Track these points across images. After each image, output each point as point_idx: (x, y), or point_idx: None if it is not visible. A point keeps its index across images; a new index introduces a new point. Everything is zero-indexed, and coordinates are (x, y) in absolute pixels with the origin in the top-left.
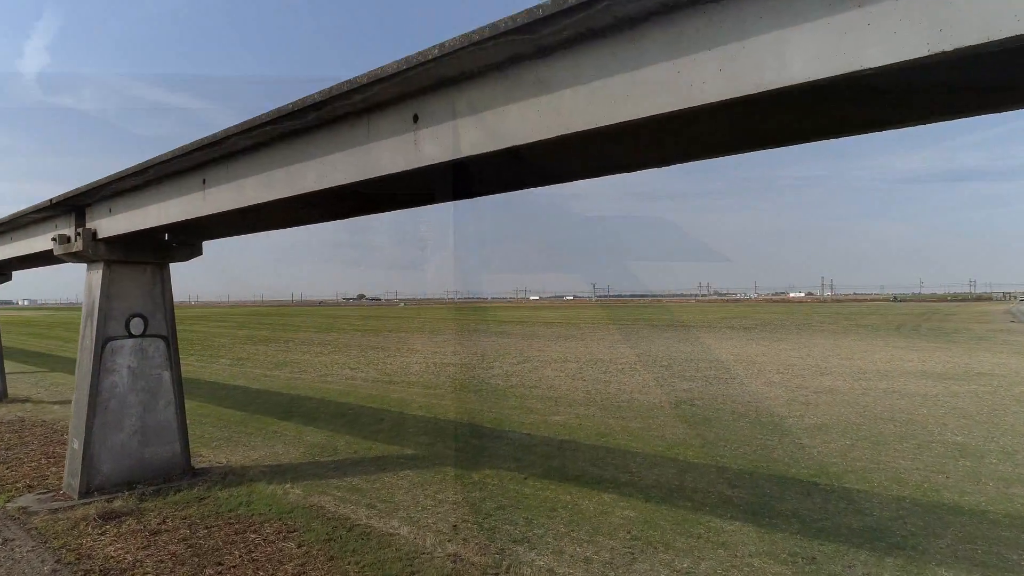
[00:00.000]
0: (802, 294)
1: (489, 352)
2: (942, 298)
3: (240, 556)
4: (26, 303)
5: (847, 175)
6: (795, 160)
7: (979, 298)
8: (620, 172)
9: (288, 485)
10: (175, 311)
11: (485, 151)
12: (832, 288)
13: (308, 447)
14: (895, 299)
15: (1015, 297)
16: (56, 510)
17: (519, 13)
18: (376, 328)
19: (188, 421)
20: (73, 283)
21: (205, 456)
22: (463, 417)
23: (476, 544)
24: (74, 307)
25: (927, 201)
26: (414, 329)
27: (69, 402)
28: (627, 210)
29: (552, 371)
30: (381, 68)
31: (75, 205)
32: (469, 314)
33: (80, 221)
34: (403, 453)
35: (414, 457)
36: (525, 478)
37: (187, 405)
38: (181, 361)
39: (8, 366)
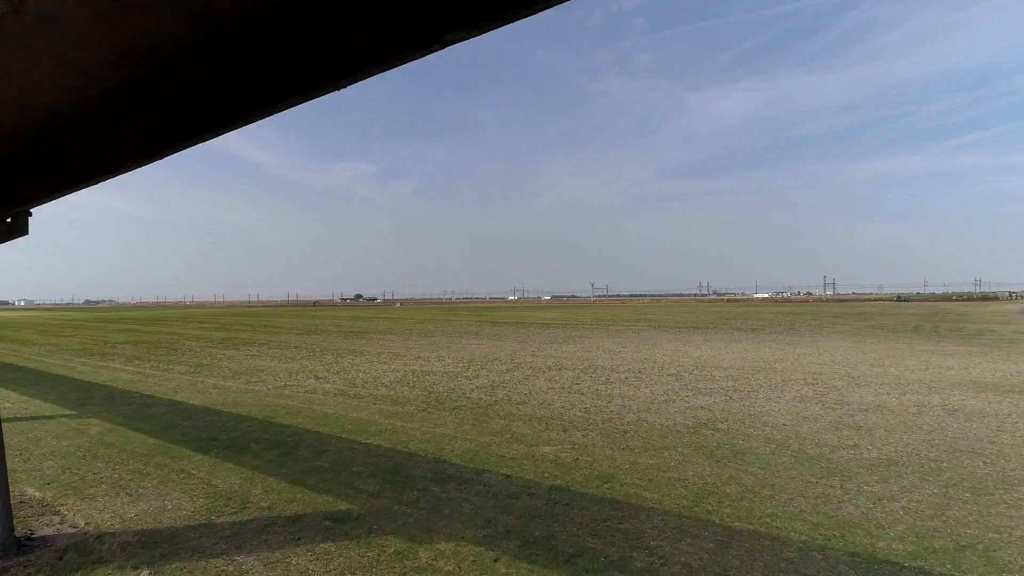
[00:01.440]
0: (766, 295)
1: (476, 357)
2: (947, 297)
3: None
4: (23, 303)
5: (845, 176)
6: (794, 159)
7: (984, 297)
8: None
9: (146, 572)
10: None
11: None
12: (834, 288)
13: (211, 497)
14: (899, 299)
15: (1022, 297)
16: None
17: None
18: (363, 330)
19: (80, 454)
20: (74, 282)
21: (63, 512)
22: (428, 449)
23: None
24: (69, 307)
25: (925, 200)
26: (403, 331)
27: None
28: (629, 208)
29: (545, 381)
30: None
31: None
32: (464, 314)
33: None
34: (333, 509)
35: (346, 517)
36: (495, 558)
37: (98, 429)
38: (135, 368)
39: None
